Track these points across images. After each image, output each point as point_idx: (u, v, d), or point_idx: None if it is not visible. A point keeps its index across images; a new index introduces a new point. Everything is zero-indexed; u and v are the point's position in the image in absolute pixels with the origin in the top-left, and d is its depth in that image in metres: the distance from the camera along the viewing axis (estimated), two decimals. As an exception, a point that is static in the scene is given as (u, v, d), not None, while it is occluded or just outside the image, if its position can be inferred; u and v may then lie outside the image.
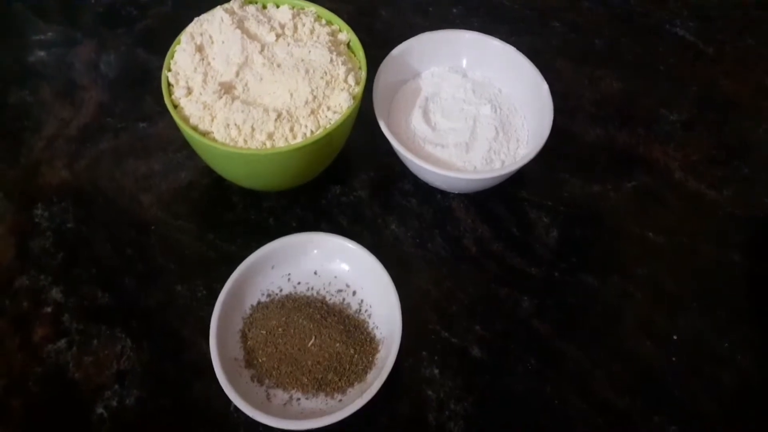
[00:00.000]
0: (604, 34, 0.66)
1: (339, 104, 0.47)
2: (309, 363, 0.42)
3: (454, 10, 0.68)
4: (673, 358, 0.47)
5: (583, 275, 0.50)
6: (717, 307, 0.49)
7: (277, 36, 0.50)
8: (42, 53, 0.63)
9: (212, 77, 0.48)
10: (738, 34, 0.67)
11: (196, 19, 0.51)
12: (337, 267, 0.47)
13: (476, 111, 0.54)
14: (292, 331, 0.43)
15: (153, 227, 0.51)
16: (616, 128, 0.59)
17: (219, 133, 0.46)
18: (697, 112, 0.61)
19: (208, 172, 0.52)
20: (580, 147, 0.58)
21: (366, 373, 0.43)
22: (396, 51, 0.55)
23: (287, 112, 0.46)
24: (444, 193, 0.54)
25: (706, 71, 0.64)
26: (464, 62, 0.57)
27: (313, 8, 0.53)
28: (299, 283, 0.47)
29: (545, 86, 0.52)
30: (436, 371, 0.45)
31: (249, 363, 0.43)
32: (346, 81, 0.48)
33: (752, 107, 0.61)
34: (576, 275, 0.50)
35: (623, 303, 0.49)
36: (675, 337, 0.48)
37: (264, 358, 0.43)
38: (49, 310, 0.47)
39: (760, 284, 0.51)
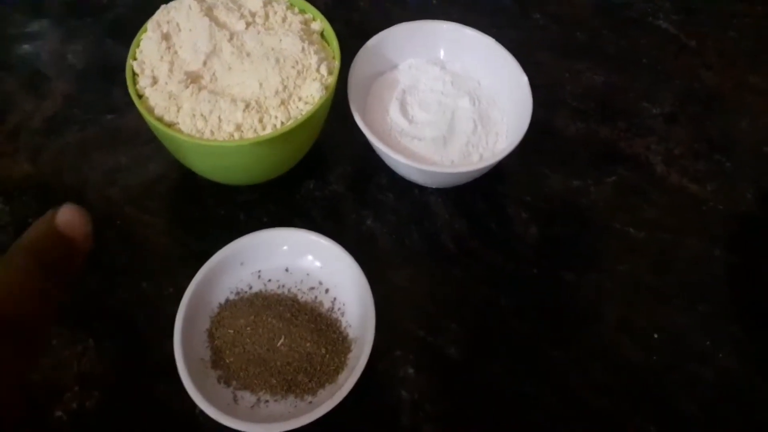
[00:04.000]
0: (586, 27, 0.65)
1: (311, 94, 0.46)
2: (278, 363, 0.41)
3: (434, 1, 0.66)
4: (654, 357, 0.46)
5: (563, 272, 0.49)
6: (699, 303, 0.48)
7: (247, 24, 0.48)
8: (6, 43, 0.60)
9: (179, 66, 0.46)
10: (721, 27, 0.66)
11: (163, 6, 0.49)
12: (309, 264, 0.46)
13: (454, 104, 0.53)
14: (260, 330, 0.42)
15: (119, 222, 0.49)
16: (597, 122, 0.58)
17: (185, 125, 0.44)
18: (679, 105, 0.60)
19: (178, 165, 0.50)
20: (560, 141, 0.57)
21: (337, 373, 0.41)
22: (372, 41, 0.53)
23: (256, 102, 0.45)
24: (421, 188, 0.53)
25: (689, 64, 0.63)
26: (442, 53, 0.56)
27: (285, -4, 0.51)
28: (269, 280, 0.45)
29: (525, 79, 0.51)
30: (411, 371, 0.44)
31: (216, 364, 0.41)
32: (318, 71, 0.47)
33: (735, 101, 0.60)
34: (555, 272, 0.49)
35: (603, 300, 0.48)
36: (656, 336, 0.47)
37: (231, 359, 0.41)
38: (7, 309, 0.45)
39: (742, 280, 0.50)
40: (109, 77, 0.57)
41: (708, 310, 0.48)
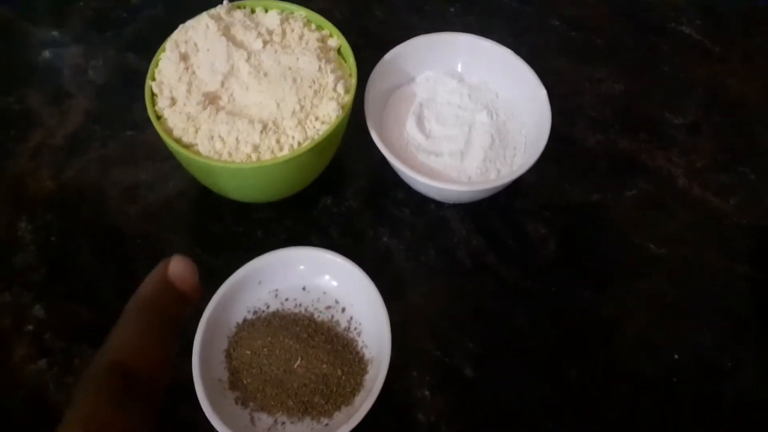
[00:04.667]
0: (606, 33, 0.64)
1: (327, 114, 0.46)
2: (295, 385, 0.41)
3: (451, 9, 0.65)
4: (674, 377, 0.45)
5: (582, 289, 0.49)
6: (721, 321, 0.48)
7: (265, 43, 0.48)
8: (29, 58, 0.61)
9: (197, 87, 0.46)
10: (746, 32, 0.65)
11: (181, 26, 0.49)
12: (325, 282, 0.46)
13: (472, 117, 0.52)
14: (277, 351, 0.42)
15: (139, 240, 0.50)
16: (617, 133, 0.57)
17: (203, 146, 0.44)
18: (702, 115, 0.58)
19: (197, 182, 0.51)
20: (579, 153, 0.56)
21: (354, 395, 0.41)
22: (389, 55, 0.53)
23: (273, 123, 0.45)
24: (438, 203, 0.52)
25: (713, 71, 0.62)
26: (459, 66, 0.55)
27: (303, 12, 0.51)
28: (287, 299, 0.46)
29: (543, 92, 0.50)
30: (427, 392, 0.44)
31: (233, 385, 0.42)
32: (335, 90, 0.47)
33: (760, 109, 0.59)
34: (574, 289, 0.49)
35: (623, 318, 0.48)
36: (676, 356, 0.46)
37: (249, 380, 0.41)
38: (30, 328, 0.46)
39: (765, 296, 0.49)
40: (129, 92, 0.58)
41: (730, 328, 0.47)
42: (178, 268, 0.24)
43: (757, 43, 0.64)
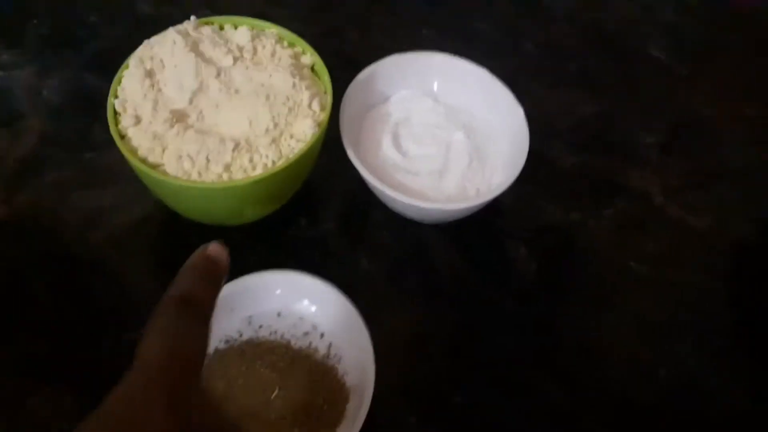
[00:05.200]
0: (577, 57, 0.64)
1: (303, 132, 0.44)
2: (273, 417, 0.38)
3: (424, 32, 0.65)
4: (662, 396, 0.44)
5: (565, 310, 0.48)
6: (705, 339, 0.47)
7: (235, 59, 0.46)
8: (-22, 78, 0.58)
9: (163, 104, 0.44)
10: (712, 55, 0.66)
11: (146, 41, 0.47)
12: (302, 307, 0.44)
13: (449, 137, 0.51)
14: (253, 382, 0.39)
15: (100, 269, 0.47)
16: (593, 153, 0.57)
17: (170, 166, 0.42)
18: (674, 135, 0.59)
19: (162, 206, 0.48)
20: (556, 173, 0.55)
21: (336, 426, 0.39)
22: (363, 74, 0.52)
23: (246, 141, 0.43)
24: (417, 224, 0.51)
25: (681, 93, 0.62)
26: (435, 86, 0.54)
27: (274, 29, 0.49)
28: (261, 326, 0.43)
29: (520, 111, 0.50)
30: (413, 419, 0.42)
31: (206, 420, 0.39)
32: (310, 107, 0.45)
33: (729, 129, 0.60)
34: (558, 310, 0.48)
35: (607, 338, 0.47)
36: (662, 374, 0.45)
37: (223, 415, 0.38)
38: (-22, 365, 0.42)
39: (748, 314, 0.49)
40: (89, 113, 0.55)
41: (715, 345, 0.47)
42: (216, 248, 0.28)
43: (724, 64, 0.65)
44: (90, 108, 0.56)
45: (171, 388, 0.22)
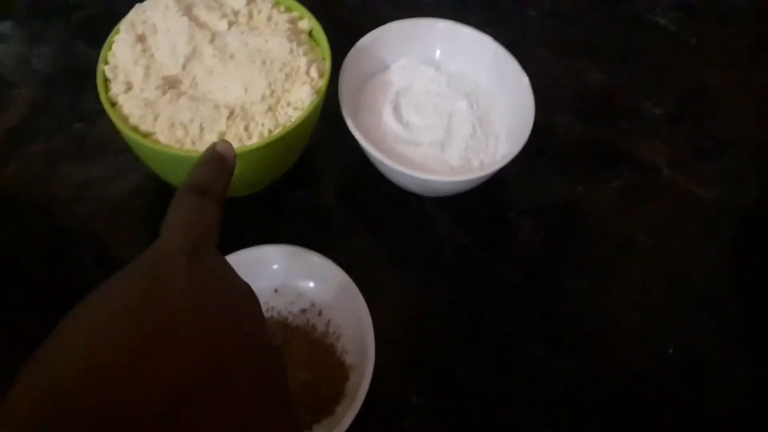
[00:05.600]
0: (583, 23, 0.62)
1: (300, 99, 0.42)
2: (270, 396, 0.37)
3: (424, -3, 0.63)
4: (669, 372, 0.43)
5: (571, 284, 0.46)
6: (713, 312, 0.46)
7: (230, 24, 0.44)
8: (-35, 46, 0.56)
9: (155, 71, 0.42)
10: (720, 23, 0.64)
11: (137, 5, 0.45)
12: (300, 283, 0.42)
13: (451, 106, 0.49)
14: (250, 359, 0.38)
15: (90, 242, 0.45)
16: (599, 123, 0.55)
17: (163, 134, 0.40)
18: (682, 104, 0.57)
19: (155, 176, 0.46)
20: (562, 144, 0.54)
21: (335, 405, 0.38)
22: (363, 41, 0.50)
23: (241, 108, 0.41)
24: (418, 197, 0.49)
25: (690, 62, 0.60)
26: (437, 53, 0.52)
27: (270, -7, 0.47)
28: (258, 302, 0.42)
29: (525, 79, 0.48)
30: (415, 398, 0.41)
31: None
32: (308, 73, 0.43)
33: (737, 98, 0.58)
34: (563, 284, 0.46)
35: (614, 313, 0.45)
36: (671, 350, 0.44)
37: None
38: (-34, 341, 0.41)
39: (758, 287, 0.47)
40: (79, 82, 0.53)
41: (723, 319, 0.46)
42: (222, 145, 0.30)
43: (731, 32, 0.63)
44: (80, 77, 0.54)
45: (189, 252, 0.24)
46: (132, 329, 0.21)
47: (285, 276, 0.42)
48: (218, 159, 0.30)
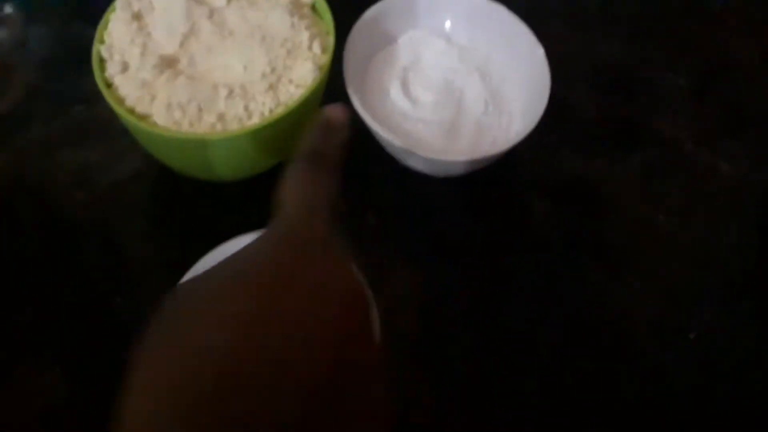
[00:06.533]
0: (602, -9, 0.60)
1: (303, 76, 0.40)
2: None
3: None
4: (691, 362, 0.41)
5: (587, 269, 0.45)
6: (739, 299, 0.44)
7: (229, -1, 0.42)
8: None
9: (152, 50, 0.41)
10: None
11: (133, -19, 0.43)
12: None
13: (462, 81, 0.47)
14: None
15: (89, 229, 0.44)
16: (619, 97, 0.53)
17: (160, 116, 0.39)
18: (704, 77, 0.55)
19: (155, 161, 0.45)
20: (578, 120, 0.51)
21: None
22: (369, 13, 0.48)
23: (241, 87, 0.39)
24: (427, 177, 0.47)
25: (714, 31, 0.58)
26: (447, 25, 0.50)
27: (271, -35, 0.45)
28: (260, 290, 0.40)
29: (541, 51, 0.46)
30: (422, 389, 0.39)
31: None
32: (310, 49, 0.41)
33: (763, 69, 0.55)
34: (579, 270, 0.45)
35: (633, 299, 0.43)
36: (692, 336, 0.42)
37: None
38: (-36, 332, 0.40)
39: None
40: (77, 64, 0.51)
41: (748, 304, 0.43)
42: (334, 110, 0.30)
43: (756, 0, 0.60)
44: (78, 58, 0.52)
45: (322, 240, 0.24)
46: (272, 328, 0.20)
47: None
48: (328, 125, 0.29)
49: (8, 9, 0.56)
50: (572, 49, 0.55)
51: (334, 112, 0.29)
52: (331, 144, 0.29)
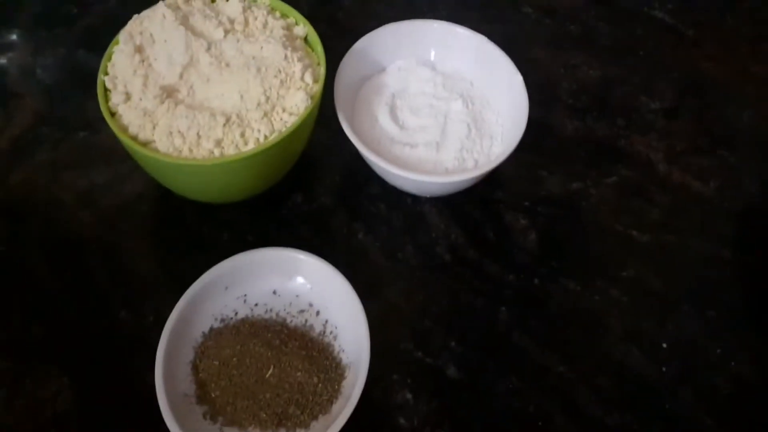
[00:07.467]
0: (579, 19, 0.63)
1: (295, 105, 0.43)
2: (267, 396, 0.38)
3: (421, -3, 0.63)
4: (664, 368, 0.44)
5: (565, 281, 0.47)
6: (708, 308, 0.46)
7: (226, 32, 0.45)
8: (-28, 58, 0.57)
9: (153, 80, 0.43)
10: (718, 15, 0.64)
11: (135, 16, 0.46)
12: (298, 285, 0.43)
13: (447, 107, 0.50)
14: (248, 360, 0.39)
15: (95, 248, 0.47)
16: (595, 119, 0.55)
17: (161, 143, 0.41)
18: (679, 99, 0.57)
19: (156, 184, 0.48)
20: (557, 141, 0.54)
21: (331, 403, 0.39)
22: (359, 44, 0.50)
23: (237, 116, 0.42)
24: (414, 198, 0.50)
25: (688, 55, 0.60)
26: (432, 54, 0.53)
27: (266, 0, 0.48)
28: (256, 304, 0.43)
29: (519, 78, 0.49)
30: (409, 396, 0.41)
31: (201, 399, 0.39)
32: (302, 79, 0.44)
33: (736, 92, 0.58)
34: (557, 281, 0.47)
35: (608, 309, 0.46)
36: (665, 345, 0.44)
37: (217, 393, 0.38)
38: (-24, 347, 0.42)
39: (753, 281, 0.47)
40: (82, 91, 0.54)
41: (719, 315, 0.46)
42: None
43: (730, 25, 0.63)
44: (83, 86, 0.55)
45: None
46: None
47: (283, 278, 0.43)
48: None
49: (15, 37, 0.59)
50: (552, 73, 0.58)
51: None
52: None
